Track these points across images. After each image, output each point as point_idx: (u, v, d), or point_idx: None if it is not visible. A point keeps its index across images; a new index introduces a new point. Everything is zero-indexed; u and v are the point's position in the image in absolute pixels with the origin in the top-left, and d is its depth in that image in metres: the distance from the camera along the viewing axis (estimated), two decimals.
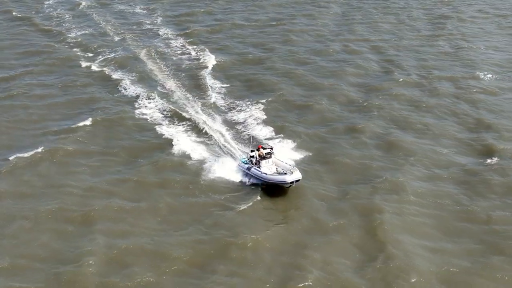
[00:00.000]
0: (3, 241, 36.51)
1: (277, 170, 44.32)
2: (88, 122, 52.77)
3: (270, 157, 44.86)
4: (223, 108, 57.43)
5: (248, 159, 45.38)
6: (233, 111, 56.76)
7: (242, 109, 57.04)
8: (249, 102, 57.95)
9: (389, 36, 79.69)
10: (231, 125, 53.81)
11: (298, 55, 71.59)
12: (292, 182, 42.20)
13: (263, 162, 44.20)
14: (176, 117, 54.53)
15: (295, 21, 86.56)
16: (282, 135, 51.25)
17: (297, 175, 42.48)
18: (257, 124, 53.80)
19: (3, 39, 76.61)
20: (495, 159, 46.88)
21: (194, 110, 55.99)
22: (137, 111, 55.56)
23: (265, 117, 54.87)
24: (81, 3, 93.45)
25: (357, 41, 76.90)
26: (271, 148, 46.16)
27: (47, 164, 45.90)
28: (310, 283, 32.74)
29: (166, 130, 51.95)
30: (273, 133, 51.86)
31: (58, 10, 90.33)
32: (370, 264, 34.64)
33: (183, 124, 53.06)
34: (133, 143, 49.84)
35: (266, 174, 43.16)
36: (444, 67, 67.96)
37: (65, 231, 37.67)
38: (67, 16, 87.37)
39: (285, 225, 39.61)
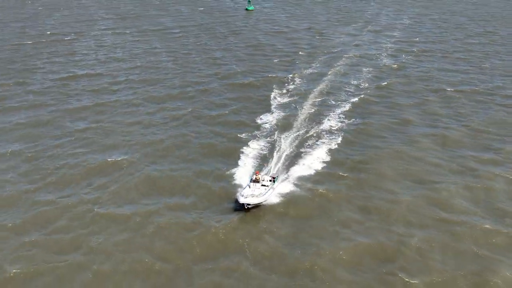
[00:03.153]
0: None
1: (262, 193, 52.90)
2: None
3: (258, 181, 54.37)
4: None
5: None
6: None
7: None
8: None
9: None
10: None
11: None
12: (243, 204, 51.30)
13: (251, 184, 54.06)
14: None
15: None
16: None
17: (248, 200, 51.38)
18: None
19: None
20: None
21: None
22: None
23: None
24: None
25: None
26: (273, 177, 56.33)
27: None
28: None
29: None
30: None
31: None
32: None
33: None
34: None
35: (240, 192, 52.95)
36: None
37: None
38: None
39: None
